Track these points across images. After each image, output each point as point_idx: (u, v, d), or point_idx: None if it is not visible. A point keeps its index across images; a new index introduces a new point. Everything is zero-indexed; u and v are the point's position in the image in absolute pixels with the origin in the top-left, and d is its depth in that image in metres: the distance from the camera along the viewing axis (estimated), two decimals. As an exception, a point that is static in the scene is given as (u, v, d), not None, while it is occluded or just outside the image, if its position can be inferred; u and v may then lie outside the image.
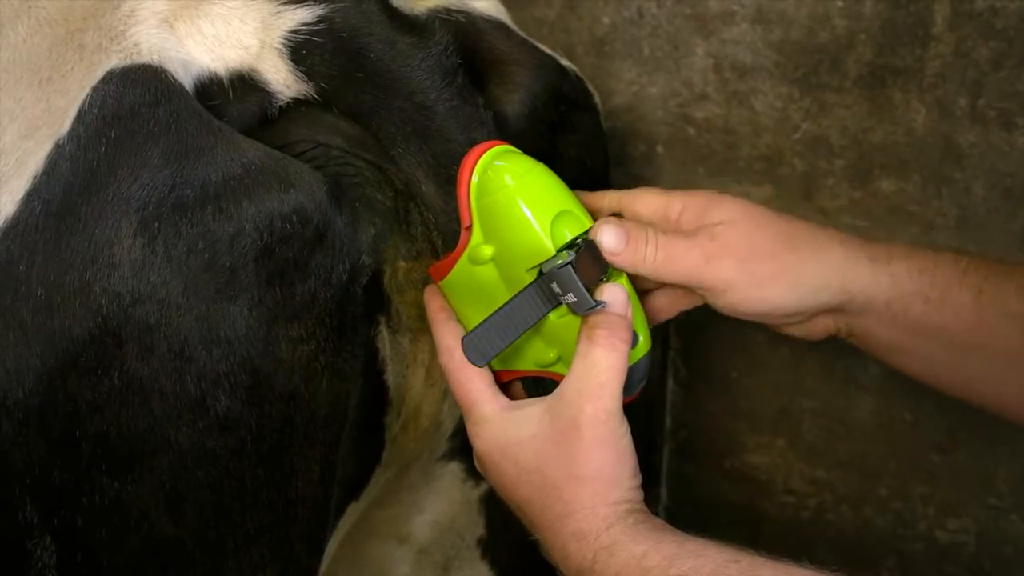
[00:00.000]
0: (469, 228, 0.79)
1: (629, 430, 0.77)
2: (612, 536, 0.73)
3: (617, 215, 0.88)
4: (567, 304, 0.78)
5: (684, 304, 0.89)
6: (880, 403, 1.14)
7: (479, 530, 1.01)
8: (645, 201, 0.87)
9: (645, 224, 0.83)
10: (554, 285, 0.77)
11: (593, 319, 0.77)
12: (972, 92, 1.01)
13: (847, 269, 0.83)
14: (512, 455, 0.78)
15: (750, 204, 0.85)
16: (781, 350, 1.18)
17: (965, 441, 1.11)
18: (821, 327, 0.88)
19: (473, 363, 0.79)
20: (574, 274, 0.76)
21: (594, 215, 0.83)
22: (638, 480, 0.77)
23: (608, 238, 0.79)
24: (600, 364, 0.76)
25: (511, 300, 0.78)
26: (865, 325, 0.86)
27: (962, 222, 1.04)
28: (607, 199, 0.88)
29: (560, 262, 0.77)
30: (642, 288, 0.86)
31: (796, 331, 0.89)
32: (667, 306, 0.90)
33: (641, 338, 0.81)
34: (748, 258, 0.82)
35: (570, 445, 0.76)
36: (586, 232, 0.80)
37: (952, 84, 1.01)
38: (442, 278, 0.82)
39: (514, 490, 0.79)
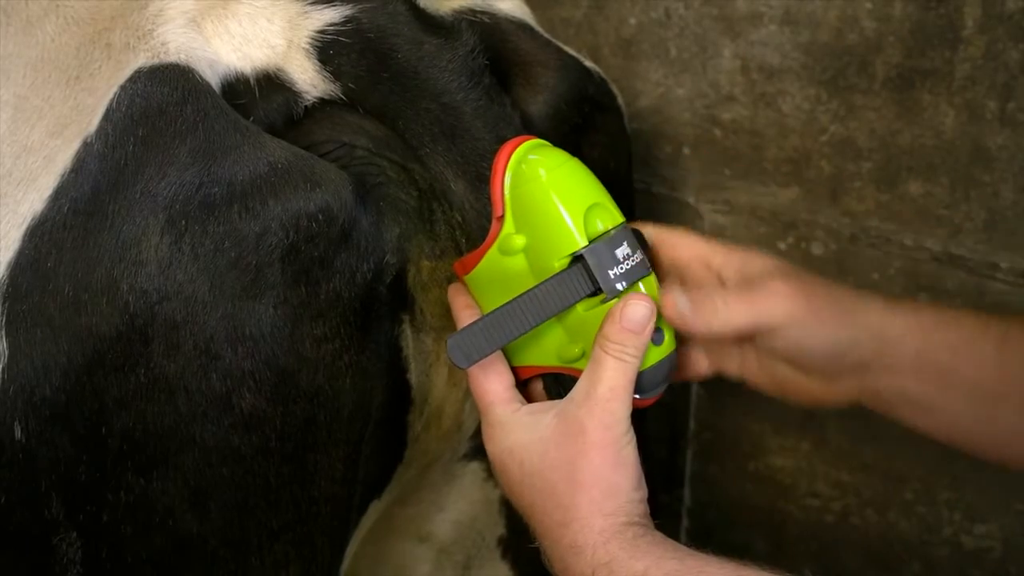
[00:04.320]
0: (501, 218, 0.80)
1: (635, 441, 0.77)
2: (610, 552, 0.73)
3: None
4: (600, 288, 0.78)
5: (717, 366, 0.90)
6: (906, 407, 1.14)
7: (500, 530, 1.01)
8: (687, 244, 0.88)
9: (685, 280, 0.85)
10: (588, 269, 0.77)
11: (607, 331, 0.77)
12: (1002, 95, 1.00)
13: (884, 314, 0.84)
14: (518, 458, 0.78)
15: (788, 264, 0.88)
16: (806, 353, 1.17)
17: (992, 446, 1.11)
18: (846, 389, 0.87)
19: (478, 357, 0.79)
20: (610, 253, 0.77)
21: None
22: (641, 494, 0.76)
23: (681, 302, 0.81)
24: (610, 371, 0.77)
25: (531, 289, 0.78)
26: (893, 381, 0.85)
27: (990, 225, 1.03)
28: (644, 233, 0.88)
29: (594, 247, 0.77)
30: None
31: (822, 392, 0.88)
32: (705, 366, 0.91)
33: (667, 336, 0.81)
34: (803, 302, 0.83)
35: (572, 446, 0.76)
36: (618, 225, 0.80)
37: (982, 87, 1.00)
38: (467, 272, 0.82)
39: (520, 494, 0.79)
